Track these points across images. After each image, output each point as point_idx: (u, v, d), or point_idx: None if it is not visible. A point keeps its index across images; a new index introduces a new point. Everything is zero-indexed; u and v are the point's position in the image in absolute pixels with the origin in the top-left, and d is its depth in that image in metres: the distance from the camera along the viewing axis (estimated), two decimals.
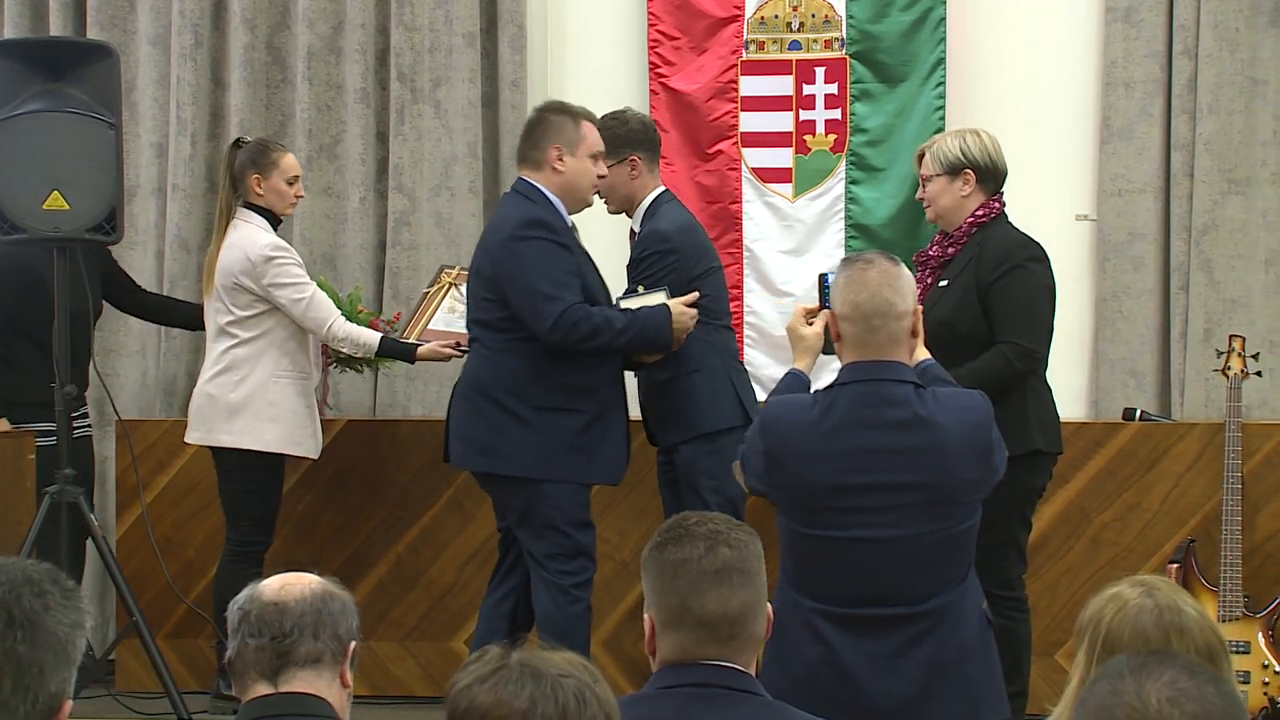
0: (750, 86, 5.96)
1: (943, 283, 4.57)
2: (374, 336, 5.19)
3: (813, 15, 5.94)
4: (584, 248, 4.71)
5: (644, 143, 4.95)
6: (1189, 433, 5.34)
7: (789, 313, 5.82)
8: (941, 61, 5.85)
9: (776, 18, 5.96)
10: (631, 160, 4.90)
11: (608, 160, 4.85)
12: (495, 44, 6.07)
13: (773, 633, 3.45)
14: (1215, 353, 5.35)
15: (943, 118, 5.80)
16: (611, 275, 4.98)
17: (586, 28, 6.16)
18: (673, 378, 4.84)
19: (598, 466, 4.63)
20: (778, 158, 5.97)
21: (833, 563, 3.42)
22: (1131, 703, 1.79)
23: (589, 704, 1.97)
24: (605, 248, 5.23)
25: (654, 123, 5.21)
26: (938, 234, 4.72)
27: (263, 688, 2.45)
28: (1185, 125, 5.69)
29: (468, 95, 6.01)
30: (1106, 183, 5.79)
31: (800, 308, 3.91)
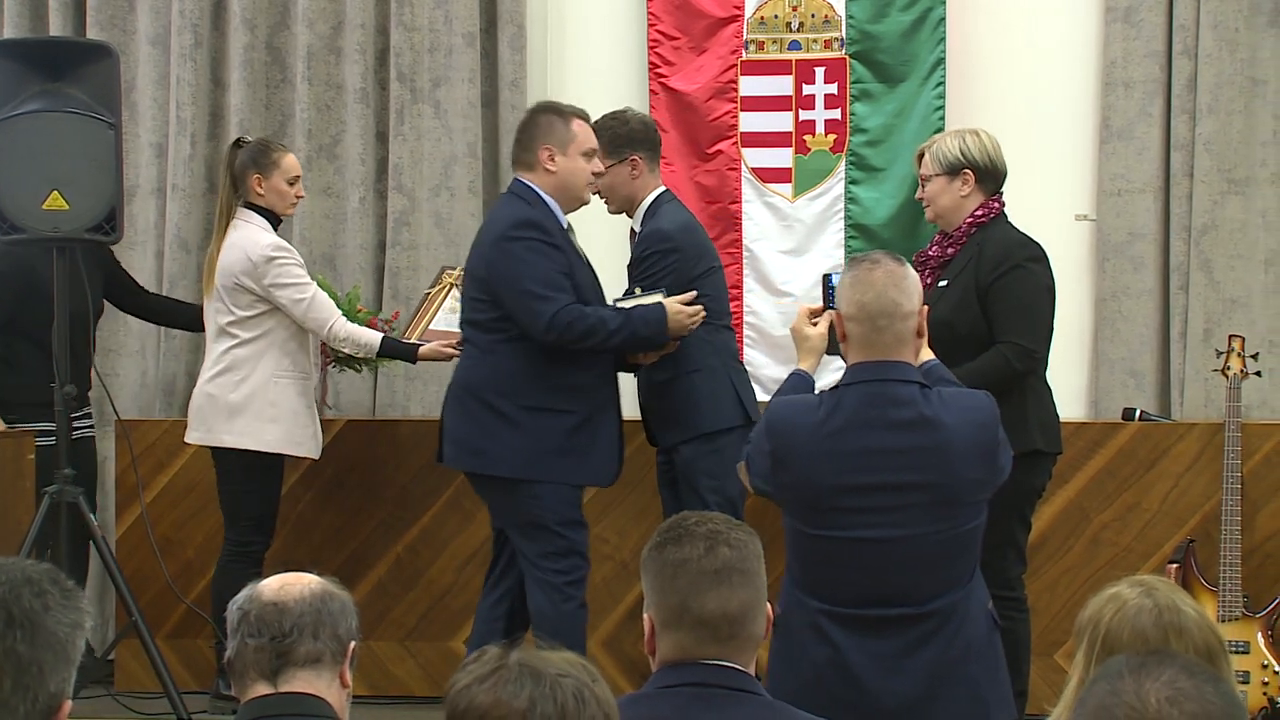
0: (750, 86, 5.96)
1: (942, 283, 4.57)
2: (375, 337, 5.19)
3: (812, 15, 5.94)
4: (579, 248, 4.71)
5: (645, 142, 4.95)
6: (1188, 433, 5.34)
7: (788, 313, 5.87)
8: (941, 61, 5.84)
9: (776, 18, 5.96)
10: (632, 160, 4.89)
11: (608, 160, 4.85)
12: (495, 44, 6.07)
13: (778, 633, 3.47)
14: (1215, 353, 5.35)
15: (942, 118, 5.80)
16: (612, 275, 4.98)
17: (586, 28, 6.16)
18: (673, 378, 4.83)
19: (587, 468, 4.62)
20: (777, 158, 5.97)
21: (838, 563, 3.42)
22: (1130, 703, 1.79)
23: (588, 704, 1.97)
24: (605, 248, 5.23)
25: (654, 122, 5.20)
26: (937, 234, 4.72)
27: (262, 688, 2.45)
28: (1185, 125, 5.69)
29: (467, 95, 6.01)
30: (1106, 183, 5.79)
31: (804, 308, 3.91)
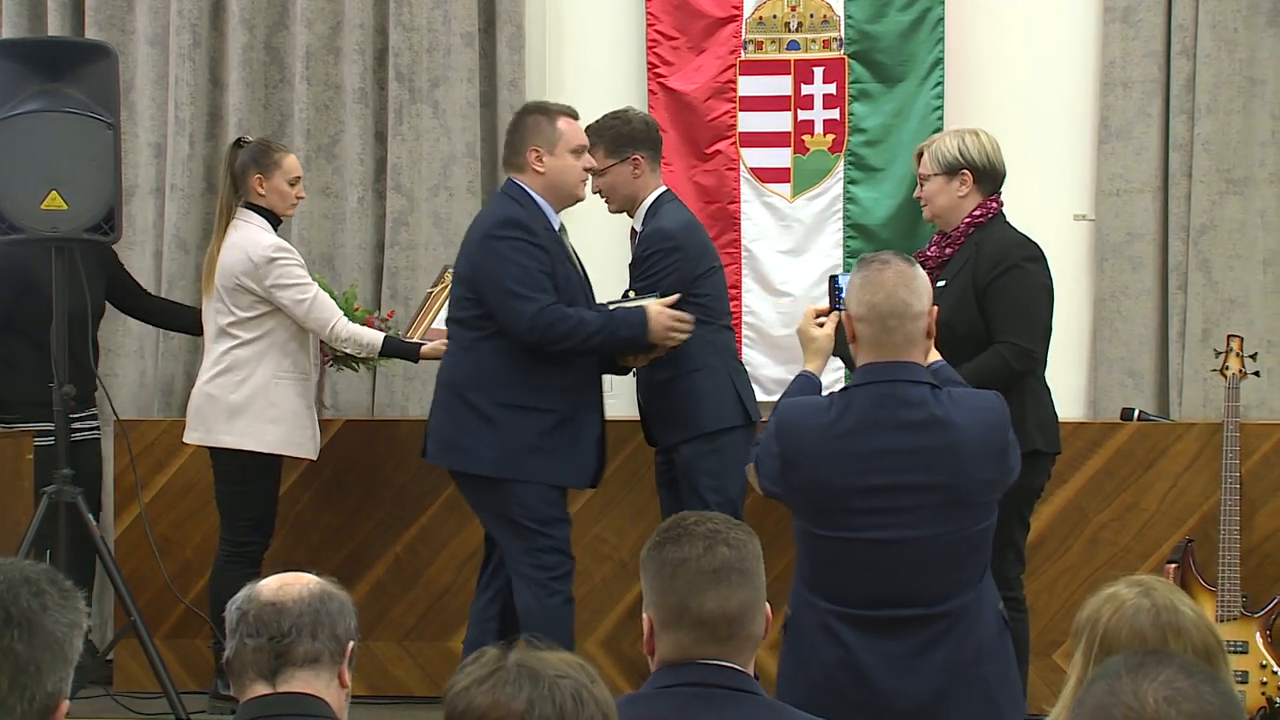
0: (748, 86, 5.96)
1: (940, 283, 4.56)
2: (378, 336, 5.19)
3: (811, 15, 5.93)
4: (569, 249, 4.69)
5: (646, 142, 4.94)
6: (1187, 433, 5.34)
7: (787, 313, 5.88)
8: (940, 61, 5.84)
9: (775, 18, 5.95)
10: (634, 159, 4.89)
11: (610, 159, 4.85)
12: (493, 44, 6.07)
13: (788, 635, 3.47)
14: (1213, 353, 5.35)
15: (941, 118, 5.79)
16: (612, 275, 4.98)
17: (585, 28, 6.16)
18: (673, 377, 4.83)
19: (566, 468, 4.60)
20: (776, 158, 5.97)
21: (849, 564, 3.42)
22: (1129, 703, 1.79)
23: (586, 704, 1.97)
24: (605, 247, 5.23)
25: (656, 122, 5.19)
26: (936, 234, 4.71)
27: (261, 688, 2.44)
28: (1183, 125, 5.69)
29: (466, 95, 6.00)
30: (1105, 183, 5.79)
31: (811, 309, 3.91)
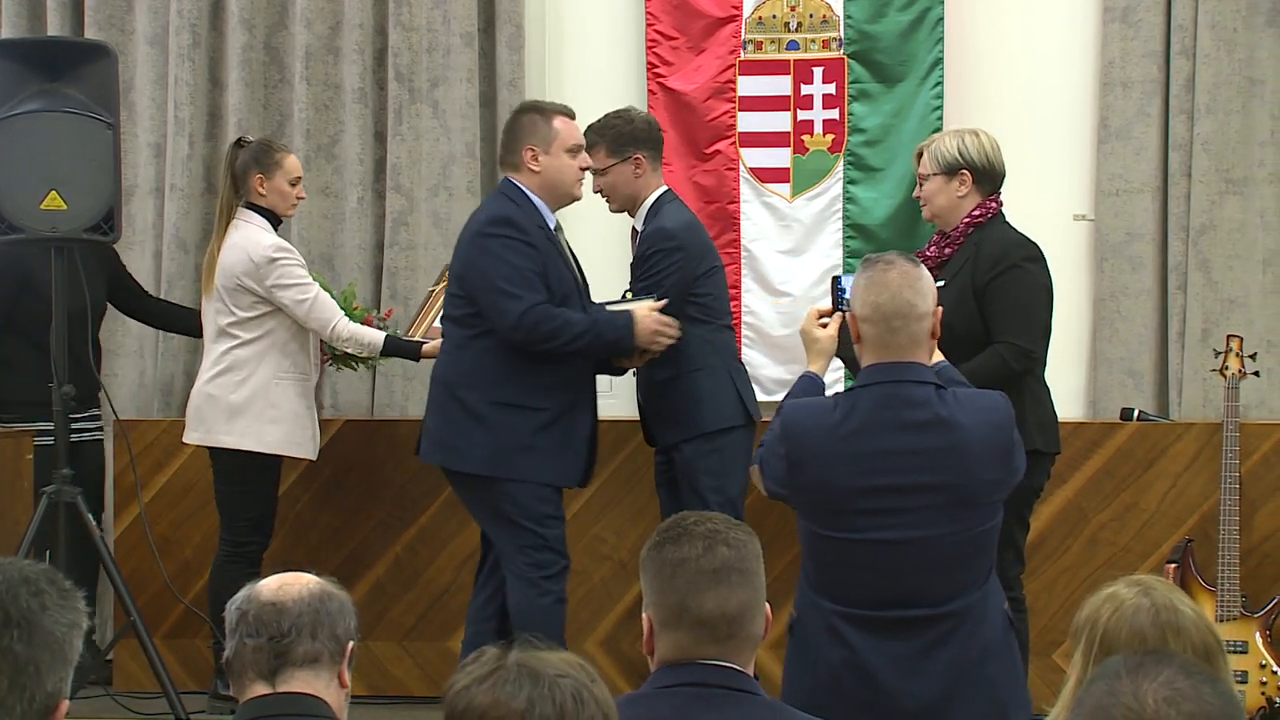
0: (748, 86, 5.96)
1: (939, 283, 4.54)
2: (378, 336, 5.19)
3: (810, 15, 5.93)
4: (564, 247, 4.67)
5: (648, 141, 4.94)
6: (1186, 433, 5.34)
7: (787, 313, 5.88)
8: (939, 61, 5.84)
9: (774, 18, 5.95)
10: (636, 158, 4.89)
11: (612, 159, 4.85)
12: (493, 44, 6.06)
13: (794, 636, 3.48)
14: (1213, 353, 5.35)
15: (940, 118, 5.79)
16: (611, 274, 4.98)
17: (584, 27, 6.16)
18: (674, 376, 4.83)
19: (555, 467, 4.58)
20: (775, 158, 5.97)
21: (855, 565, 3.42)
22: (1128, 703, 1.79)
23: (586, 704, 1.97)
24: (605, 247, 5.23)
25: (658, 122, 5.19)
26: (935, 234, 4.71)
27: (260, 688, 2.44)
28: (1183, 125, 5.69)
29: (465, 95, 6.00)
30: (1104, 183, 5.79)
31: (814, 310, 3.91)
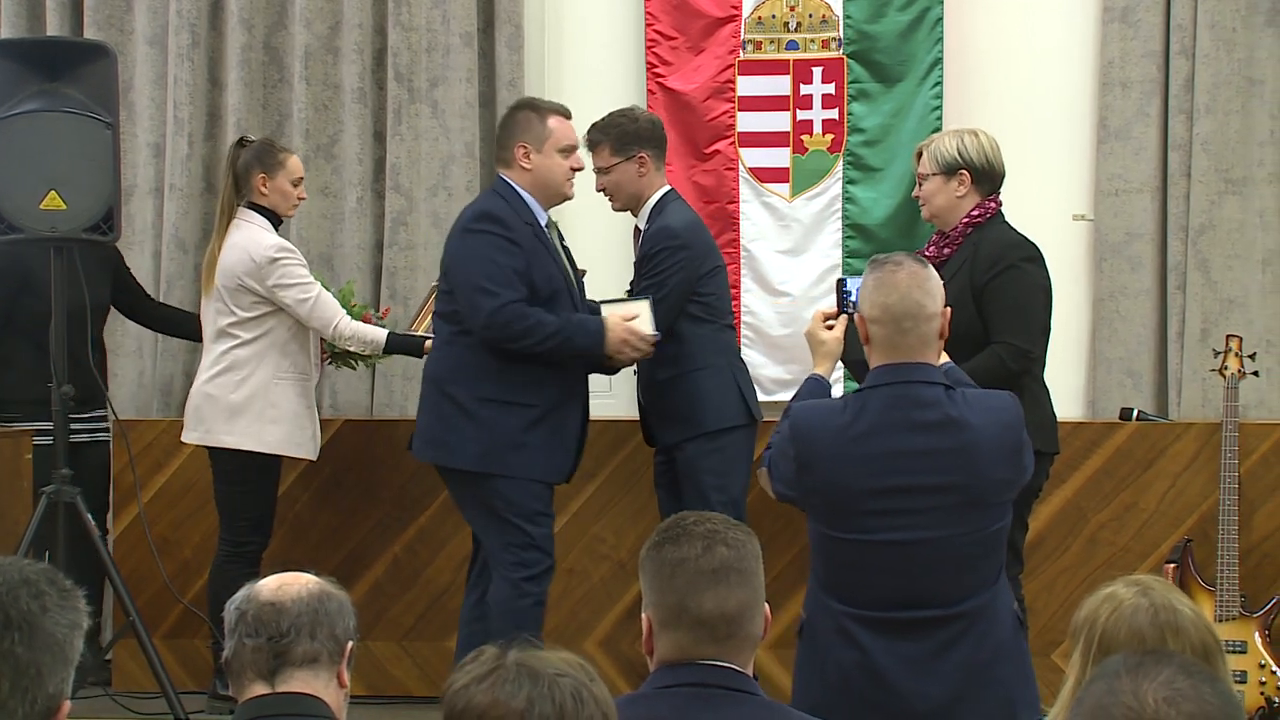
0: (747, 86, 5.96)
1: None
2: (381, 333, 5.18)
3: (810, 15, 5.93)
4: (553, 246, 4.66)
5: (652, 140, 4.94)
6: (1186, 433, 5.34)
7: (786, 313, 5.88)
8: (939, 61, 5.84)
9: (774, 17, 5.95)
10: (640, 157, 4.88)
11: (616, 157, 4.85)
12: (492, 44, 6.06)
13: (804, 637, 3.47)
14: (1212, 353, 5.35)
15: (940, 118, 5.79)
16: (611, 273, 4.98)
17: (584, 27, 6.16)
18: (675, 375, 4.82)
19: (547, 463, 4.58)
20: (775, 157, 5.97)
21: (865, 566, 3.42)
22: (1128, 702, 1.79)
23: (586, 704, 1.97)
24: (604, 246, 5.23)
25: (661, 121, 5.18)
26: (934, 234, 4.71)
27: (260, 688, 2.45)
28: (1182, 125, 5.69)
29: (465, 95, 6.00)
30: (1103, 183, 5.79)
31: (819, 312, 3.91)
